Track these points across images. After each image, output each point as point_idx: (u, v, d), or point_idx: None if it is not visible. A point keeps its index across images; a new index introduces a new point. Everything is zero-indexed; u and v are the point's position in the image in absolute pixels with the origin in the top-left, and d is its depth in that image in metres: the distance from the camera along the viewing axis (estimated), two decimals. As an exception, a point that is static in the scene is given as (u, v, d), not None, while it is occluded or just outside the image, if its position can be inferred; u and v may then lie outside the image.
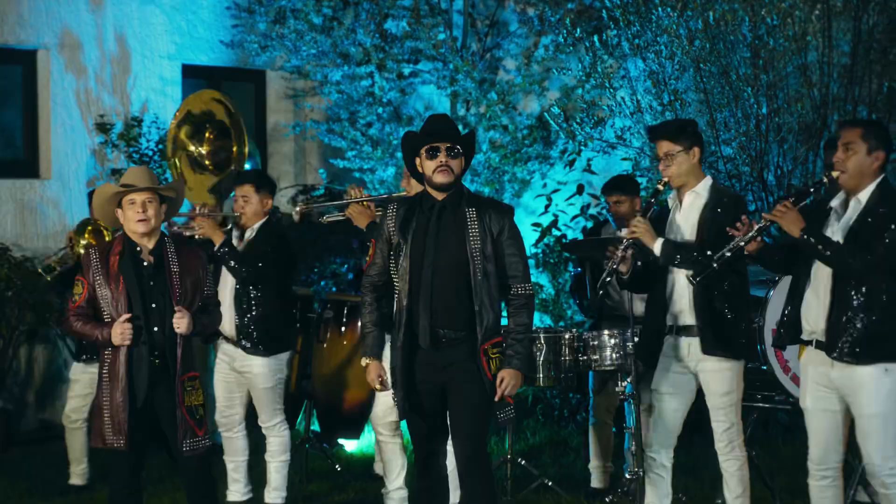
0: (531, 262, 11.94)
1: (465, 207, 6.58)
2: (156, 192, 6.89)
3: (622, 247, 7.06)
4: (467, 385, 6.55)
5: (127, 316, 6.76)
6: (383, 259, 6.72)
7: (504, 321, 6.66)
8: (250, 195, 8.37)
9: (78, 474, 9.14)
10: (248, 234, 8.41)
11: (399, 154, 11.15)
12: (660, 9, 10.12)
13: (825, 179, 6.47)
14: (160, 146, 11.60)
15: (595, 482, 8.91)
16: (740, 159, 10.20)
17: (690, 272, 6.90)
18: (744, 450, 7.27)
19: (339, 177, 12.55)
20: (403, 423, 7.99)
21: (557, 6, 11.37)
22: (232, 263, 8.19)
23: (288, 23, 11.72)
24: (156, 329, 6.86)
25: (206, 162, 10.11)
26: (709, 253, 6.75)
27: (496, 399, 6.51)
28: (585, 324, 9.64)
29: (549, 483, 8.90)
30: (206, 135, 10.07)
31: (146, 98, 12.01)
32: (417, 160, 6.65)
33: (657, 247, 7.00)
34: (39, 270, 9.45)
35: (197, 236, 8.44)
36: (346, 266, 11.78)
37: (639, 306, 7.95)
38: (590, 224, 10.62)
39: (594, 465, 8.92)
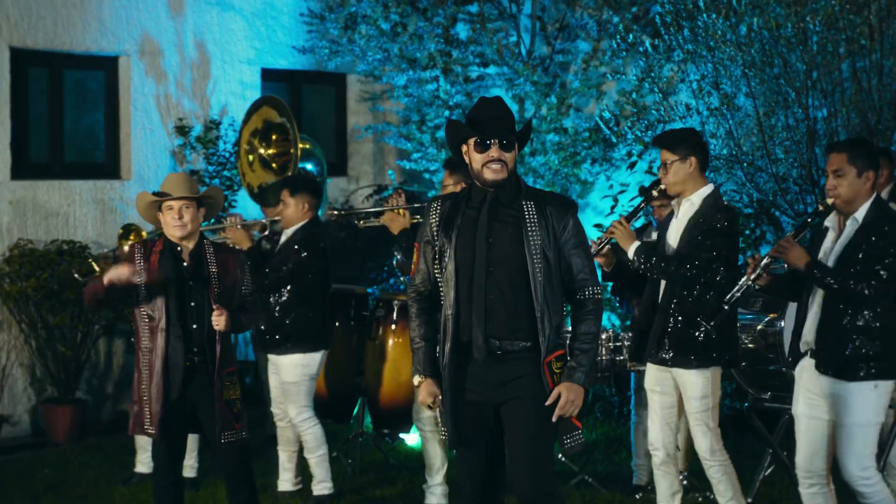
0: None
1: (522, 200, 5.79)
2: (192, 198, 7.24)
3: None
4: (527, 407, 5.74)
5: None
6: (427, 264, 5.91)
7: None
8: (286, 199, 8.64)
9: (143, 462, 9.35)
10: (283, 237, 8.67)
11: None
12: (705, 14, 10.17)
13: (821, 208, 6.53)
14: (236, 148, 11.69)
15: (637, 479, 8.98)
16: (788, 163, 10.22)
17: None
18: (725, 453, 7.37)
19: (416, 177, 12.77)
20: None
21: (618, 11, 11.51)
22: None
23: (359, 28, 11.93)
24: (195, 326, 7.13)
25: (273, 165, 10.44)
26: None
27: (553, 419, 5.69)
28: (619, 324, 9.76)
29: (590, 479, 9.02)
30: (273, 137, 10.39)
31: (225, 102, 12.30)
32: (464, 148, 5.83)
33: (631, 249, 7.18)
34: (75, 275, 9.84)
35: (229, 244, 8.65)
36: (412, 264, 11.97)
37: None
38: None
39: (637, 462, 8.98)
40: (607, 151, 11.66)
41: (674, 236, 7.27)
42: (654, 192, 7.36)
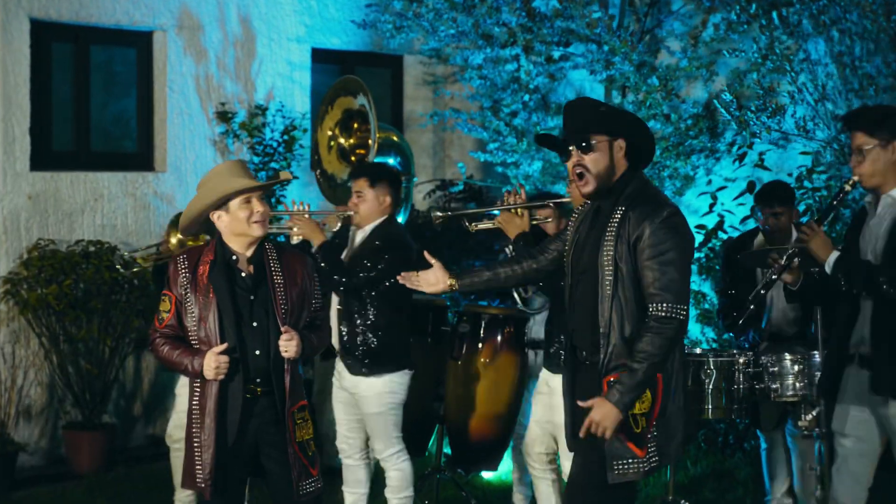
0: (692, 267, 10.79)
1: (618, 206, 5.52)
2: (266, 186, 6.04)
3: (786, 255, 6.60)
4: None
5: (223, 347, 5.82)
6: (559, 251, 5.96)
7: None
8: (364, 191, 7.51)
9: (182, 500, 8.24)
10: (361, 236, 7.58)
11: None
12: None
13: (847, 188, 6.21)
14: (285, 136, 10.99)
15: (778, 518, 8.00)
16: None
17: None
18: None
19: (488, 171, 11.80)
20: (559, 456, 7.22)
21: (731, -20, 10.22)
22: (323, 266, 7.32)
23: (426, 1, 10.76)
24: (258, 352, 5.93)
25: (352, 157, 9.45)
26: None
27: (581, 434, 5.40)
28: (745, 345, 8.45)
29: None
30: (354, 126, 9.41)
31: (272, 84, 11.38)
32: None
33: (830, 261, 6.18)
34: (118, 266, 9.36)
35: (294, 238, 7.64)
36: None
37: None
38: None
39: (775, 498, 8.08)
40: (712, 142, 10.38)
41: (878, 238, 6.15)
42: (848, 187, 6.23)
